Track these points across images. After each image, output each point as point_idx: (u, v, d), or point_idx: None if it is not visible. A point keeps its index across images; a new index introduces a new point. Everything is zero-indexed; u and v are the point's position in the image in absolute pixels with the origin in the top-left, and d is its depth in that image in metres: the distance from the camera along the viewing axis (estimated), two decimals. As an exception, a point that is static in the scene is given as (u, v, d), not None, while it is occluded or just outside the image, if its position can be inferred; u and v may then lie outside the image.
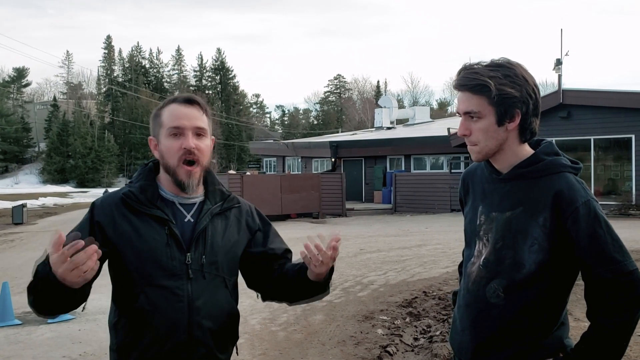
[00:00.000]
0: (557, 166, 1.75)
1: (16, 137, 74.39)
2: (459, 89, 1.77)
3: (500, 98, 1.71)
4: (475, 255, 1.84)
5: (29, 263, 11.23)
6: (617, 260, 1.64)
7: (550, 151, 1.79)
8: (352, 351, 5.09)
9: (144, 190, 1.84)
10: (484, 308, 1.78)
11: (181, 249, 1.81)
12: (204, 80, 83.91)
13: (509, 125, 1.75)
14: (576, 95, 20.10)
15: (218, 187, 1.95)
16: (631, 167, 19.14)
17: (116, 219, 1.80)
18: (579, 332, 5.56)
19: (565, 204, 1.67)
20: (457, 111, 1.80)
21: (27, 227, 20.07)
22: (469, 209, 1.92)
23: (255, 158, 44.89)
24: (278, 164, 34.47)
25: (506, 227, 1.75)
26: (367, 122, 64.17)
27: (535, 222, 1.70)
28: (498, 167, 1.82)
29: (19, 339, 5.91)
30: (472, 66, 1.76)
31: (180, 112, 1.83)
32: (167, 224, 1.81)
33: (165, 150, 1.84)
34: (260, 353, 5.10)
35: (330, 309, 6.61)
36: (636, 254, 9.80)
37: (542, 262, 1.69)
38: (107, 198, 1.87)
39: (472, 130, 1.76)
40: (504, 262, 1.74)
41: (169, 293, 1.78)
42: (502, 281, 1.74)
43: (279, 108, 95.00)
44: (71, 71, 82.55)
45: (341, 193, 21.56)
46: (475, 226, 1.85)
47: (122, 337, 1.80)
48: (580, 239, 1.65)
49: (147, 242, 1.78)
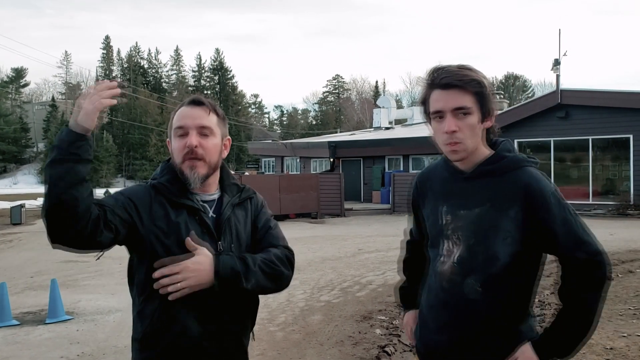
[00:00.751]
0: (519, 161, 1.83)
1: (14, 137, 74.31)
2: (448, 87, 1.78)
3: (488, 96, 1.80)
4: (445, 254, 1.88)
5: (27, 263, 11.27)
6: (588, 242, 1.77)
7: (510, 148, 1.88)
8: (350, 351, 5.09)
9: (173, 182, 1.89)
10: (463, 304, 1.82)
11: (212, 238, 1.86)
12: (202, 81, 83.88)
13: (486, 124, 1.84)
14: (574, 95, 20.13)
15: (233, 181, 2.03)
16: (629, 167, 19.18)
17: (152, 204, 1.84)
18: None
19: (536, 196, 1.76)
20: (440, 109, 1.79)
21: (25, 228, 20.04)
22: (429, 211, 1.96)
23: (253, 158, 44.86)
24: (277, 164, 34.46)
25: (477, 224, 1.80)
26: (366, 122, 64.19)
27: (506, 216, 1.76)
28: (462, 167, 1.87)
29: (17, 339, 5.90)
30: (449, 67, 1.82)
31: (186, 113, 1.90)
32: (198, 213, 1.86)
33: (173, 150, 1.91)
34: (259, 353, 5.10)
35: (328, 309, 6.61)
36: (634, 254, 9.82)
37: (515, 253, 1.76)
38: (136, 187, 1.92)
39: (459, 127, 1.78)
40: (478, 257, 1.79)
41: None
42: (479, 276, 1.79)
43: (277, 108, 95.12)
44: (70, 71, 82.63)
45: (340, 193, 21.55)
46: (440, 226, 1.89)
47: (148, 325, 1.81)
48: (556, 227, 1.75)
49: (182, 230, 1.82)
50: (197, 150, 1.86)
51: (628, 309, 6.02)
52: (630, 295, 6.67)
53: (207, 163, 1.88)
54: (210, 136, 1.90)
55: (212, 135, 1.91)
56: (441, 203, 1.90)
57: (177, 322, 1.78)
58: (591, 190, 19.99)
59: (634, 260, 9.19)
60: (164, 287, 1.73)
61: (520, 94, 76.66)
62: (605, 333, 5.13)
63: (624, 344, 4.82)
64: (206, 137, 1.89)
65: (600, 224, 16.03)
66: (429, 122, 1.88)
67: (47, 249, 13.10)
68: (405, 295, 2.22)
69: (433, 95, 1.82)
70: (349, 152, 28.53)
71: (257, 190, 2.18)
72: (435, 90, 1.81)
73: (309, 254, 11.18)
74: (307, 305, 6.84)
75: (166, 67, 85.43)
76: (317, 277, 8.65)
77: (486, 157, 1.84)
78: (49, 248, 1.79)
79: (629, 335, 5.06)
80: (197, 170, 1.87)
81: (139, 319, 1.84)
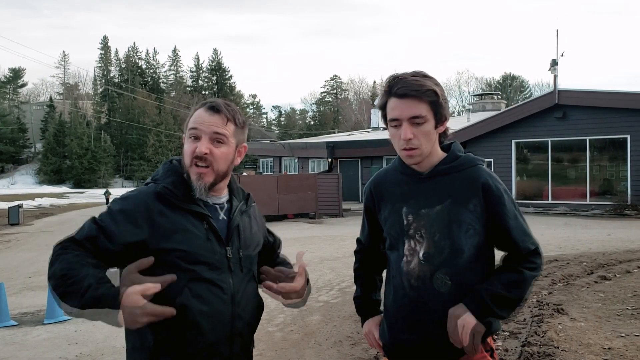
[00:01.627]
0: (472, 160, 1.98)
1: (12, 137, 74.23)
2: (404, 97, 1.88)
3: (442, 104, 1.91)
4: (407, 254, 1.95)
5: (25, 264, 11.26)
6: (531, 234, 1.96)
7: (461, 149, 2.02)
8: (348, 351, 5.09)
9: (177, 186, 1.84)
10: (434, 299, 1.89)
11: (221, 243, 1.85)
12: (200, 81, 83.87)
13: (439, 129, 1.96)
14: (572, 95, 20.16)
15: (238, 185, 2.04)
16: (626, 167, 19.21)
17: (154, 216, 1.78)
18: (576, 332, 5.51)
19: (492, 191, 1.91)
20: (397, 117, 1.90)
21: (23, 228, 20.02)
22: (387, 213, 2.02)
23: (251, 158, 44.80)
24: (275, 164, 34.45)
25: (440, 219, 1.90)
26: (364, 122, 64.24)
27: (466, 209, 1.90)
28: (419, 168, 1.98)
29: (15, 340, 5.89)
30: (405, 76, 1.92)
31: (202, 117, 1.85)
32: (205, 218, 1.84)
33: (183, 151, 1.88)
34: (257, 354, 5.09)
35: (327, 310, 6.62)
36: (631, 254, 9.84)
37: (478, 244, 1.91)
38: (138, 196, 1.83)
39: (415, 135, 1.89)
40: (444, 251, 1.89)
41: (214, 286, 1.80)
42: (447, 270, 1.89)
43: (275, 108, 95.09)
44: (67, 72, 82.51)
45: (338, 193, 21.55)
46: (402, 227, 1.96)
47: (159, 334, 1.75)
48: (509, 221, 1.91)
49: (189, 237, 1.79)
50: (207, 157, 1.82)
51: (626, 309, 6.03)
52: (628, 295, 6.68)
53: (215, 171, 1.85)
54: (223, 144, 1.86)
55: (225, 144, 1.86)
56: (401, 204, 1.98)
57: (193, 329, 1.76)
58: (588, 190, 20.03)
59: (632, 260, 9.20)
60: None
61: (517, 95, 76.77)
62: (604, 333, 5.14)
63: (622, 344, 4.83)
64: (219, 144, 1.84)
65: (598, 224, 16.06)
66: (386, 127, 1.98)
67: (45, 249, 13.12)
68: (361, 305, 2.26)
69: (390, 103, 1.92)
70: (347, 153, 28.54)
71: (255, 190, 2.22)
72: (392, 98, 1.91)
73: (307, 254, 11.12)
74: (305, 305, 6.84)
75: (164, 67, 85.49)
76: (316, 278, 8.66)
77: (441, 158, 1.97)
78: (46, 248, 1.80)
79: (626, 335, 5.06)
80: (203, 180, 1.83)
81: (150, 328, 1.72)
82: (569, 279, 7.83)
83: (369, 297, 2.23)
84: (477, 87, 75.03)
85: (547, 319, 5.60)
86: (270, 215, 19.67)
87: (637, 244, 11.20)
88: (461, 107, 68.16)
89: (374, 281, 2.26)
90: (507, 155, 21.23)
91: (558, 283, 7.54)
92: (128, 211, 1.78)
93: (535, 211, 19.56)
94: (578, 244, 11.54)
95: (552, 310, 5.90)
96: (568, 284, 7.54)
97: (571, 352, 4.60)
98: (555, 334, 5.03)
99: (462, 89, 77.62)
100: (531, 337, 5.02)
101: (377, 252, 2.19)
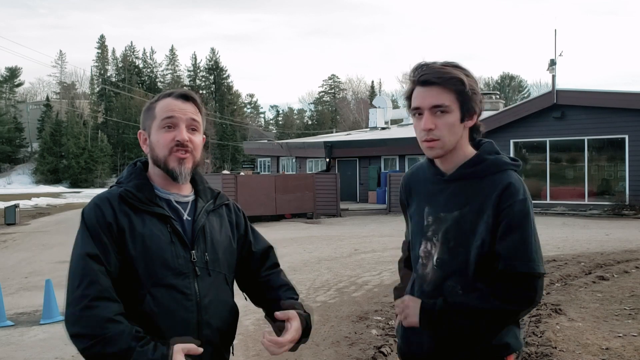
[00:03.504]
0: (500, 164, 1.82)
1: (9, 137, 74.04)
2: (427, 84, 1.78)
3: (469, 94, 1.78)
4: (422, 256, 1.89)
5: (22, 264, 11.22)
6: (534, 259, 1.73)
7: (492, 150, 1.86)
8: (346, 352, 5.08)
9: (141, 189, 1.78)
10: None
11: (185, 247, 1.77)
12: (197, 80, 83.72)
13: (467, 123, 1.82)
14: (570, 95, 20.18)
15: (207, 185, 1.95)
16: (625, 167, 19.23)
17: (118, 216, 1.72)
18: (573, 332, 5.52)
19: (505, 197, 1.75)
20: (419, 106, 1.80)
21: (19, 228, 19.97)
22: (413, 211, 1.95)
23: (249, 158, 44.81)
24: (272, 164, 34.43)
25: (456, 226, 1.80)
26: (362, 122, 64.20)
27: (482, 220, 1.77)
28: (443, 167, 1.87)
29: (12, 340, 5.87)
30: (433, 64, 1.81)
31: (176, 106, 1.81)
32: (169, 221, 1.77)
33: (155, 143, 1.80)
34: (254, 354, 5.08)
35: (324, 310, 6.60)
36: (629, 254, 9.84)
37: (486, 254, 1.76)
38: (101, 198, 1.77)
39: (437, 125, 1.78)
40: (457, 259, 1.80)
41: (177, 292, 1.73)
42: (458, 278, 1.80)
43: (273, 108, 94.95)
44: (64, 71, 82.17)
45: (336, 193, 21.54)
46: (422, 227, 1.89)
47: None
48: (509, 229, 1.73)
49: (152, 241, 1.72)
50: (188, 144, 1.78)
51: (624, 309, 6.03)
52: (625, 296, 6.68)
53: (194, 158, 1.82)
54: (198, 132, 1.84)
55: (199, 132, 1.85)
56: (424, 204, 1.91)
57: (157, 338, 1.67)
58: (587, 190, 20.04)
59: (630, 260, 9.21)
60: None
61: (516, 94, 76.87)
62: (601, 333, 5.14)
63: (619, 344, 4.83)
64: (194, 132, 1.82)
65: (596, 224, 16.08)
66: (412, 117, 1.88)
67: (41, 249, 13.10)
68: (400, 296, 2.20)
69: (415, 92, 1.83)
70: (345, 152, 28.52)
71: (252, 190, 2.17)
72: (416, 87, 1.82)
73: (304, 254, 11.16)
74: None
75: (161, 66, 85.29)
76: (313, 278, 8.64)
77: (467, 159, 1.84)
78: (43, 248, 1.77)
79: (624, 336, 5.06)
80: (185, 164, 1.79)
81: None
82: (566, 279, 7.82)
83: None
84: (475, 87, 74.98)
85: (545, 319, 5.59)
86: (268, 215, 19.65)
87: (635, 244, 11.21)
88: (459, 107, 68.06)
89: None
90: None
91: (556, 283, 7.54)
92: (94, 229, 1.71)
93: (534, 211, 19.55)
94: (576, 244, 11.55)
95: (550, 311, 5.90)
96: (566, 284, 7.54)
97: (569, 352, 4.59)
98: (553, 334, 5.03)
99: (460, 89, 77.55)
100: (529, 337, 5.01)
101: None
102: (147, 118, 1.85)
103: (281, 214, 20.30)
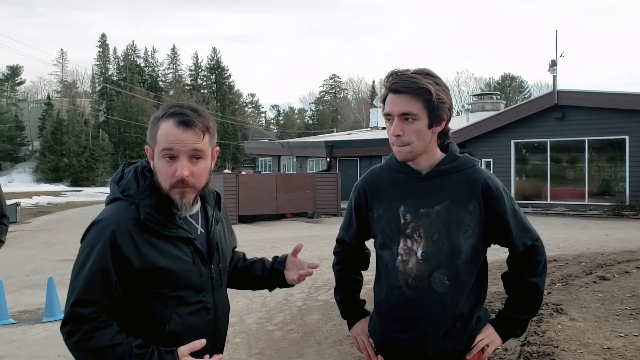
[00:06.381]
0: (470, 161, 2.00)
1: (10, 135, 74.05)
2: (397, 92, 1.90)
3: (436, 103, 1.89)
4: (402, 253, 1.95)
5: (23, 262, 11.24)
6: (530, 229, 2.01)
7: (458, 149, 2.03)
8: (348, 350, 5.09)
9: (160, 210, 1.71)
10: (432, 299, 1.92)
11: (205, 263, 1.79)
12: (199, 80, 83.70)
13: (435, 129, 1.94)
14: (571, 96, 20.19)
15: (208, 188, 1.92)
16: (625, 168, 19.24)
17: (140, 247, 1.67)
18: (575, 332, 5.52)
19: (491, 192, 1.94)
20: (389, 112, 1.92)
21: (20, 226, 19.99)
22: (381, 212, 2.01)
23: (250, 157, 44.79)
24: (273, 163, 34.44)
25: (439, 220, 1.92)
26: (362, 122, 64.23)
27: (465, 210, 1.92)
28: (417, 167, 1.98)
29: (14, 337, 5.89)
30: (405, 72, 1.92)
31: (175, 136, 1.68)
32: (191, 242, 1.76)
33: (158, 170, 1.73)
34: (257, 352, 5.10)
35: (326, 309, 6.61)
36: (630, 254, 9.85)
37: (475, 244, 1.93)
38: (119, 223, 1.68)
39: (405, 131, 1.90)
40: (443, 251, 1.91)
41: (200, 308, 1.77)
42: (445, 270, 1.91)
43: (274, 108, 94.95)
44: (65, 69, 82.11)
45: (336, 193, 21.54)
46: (398, 226, 1.96)
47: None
48: (509, 218, 1.95)
49: (177, 266, 1.71)
50: (188, 179, 1.70)
51: (625, 309, 6.04)
52: (626, 296, 6.69)
53: (197, 189, 1.75)
54: (202, 159, 1.73)
55: (203, 158, 1.73)
56: (398, 203, 1.97)
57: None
58: (587, 191, 20.06)
59: (630, 260, 9.21)
60: None
61: (516, 95, 76.82)
62: (603, 333, 5.15)
63: (621, 343, 4.84)
64: (197, 161, 1.72)
65: (596, 225, 16.08)
66: (385, 121, 2.00)
67: (43, 248, 13.11)
68: (348, 307, 2.26)
69: (387, 98, 1.94)
70: (345, 152, 28.54)
71: (253, 189, 2.19)
72: (389, 94, 1.93)
73: (306, 254, 11.18)
74: (305, 304, 6.84)
75: (162, 65, 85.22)
76: (315, 277, 8.65)
77: (441, 158, 1.97)
78: (44, 246, 1.78)
79: (625, 335, 5.07)
80: (186, 198, 1.73)
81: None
82: (567, 279, 7.83)
83: (355, 299, 2.23)
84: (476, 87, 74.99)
85: (547, 318, 5.60)
86: (269, 214, 19.67)
87: (636, 245, 11.22)
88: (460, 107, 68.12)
89: (358, 282, 2.26)
90: (506, 156, 21.25)
91: (557, 283, 7.55)
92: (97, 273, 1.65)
93: (534, 211, 19.57)
94: (577, 244, 11.56)
95: (552, 310, 5.91)
96: (567, 284, 7.55)
97: (570, 352, 4.61)
98: (555, 334, 5.04)
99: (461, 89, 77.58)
100: (530, 336, 5.02)
101: (361, 252, 2.21)
102: (151, 136, 1.76)
103: (282, 213, 20.31)
